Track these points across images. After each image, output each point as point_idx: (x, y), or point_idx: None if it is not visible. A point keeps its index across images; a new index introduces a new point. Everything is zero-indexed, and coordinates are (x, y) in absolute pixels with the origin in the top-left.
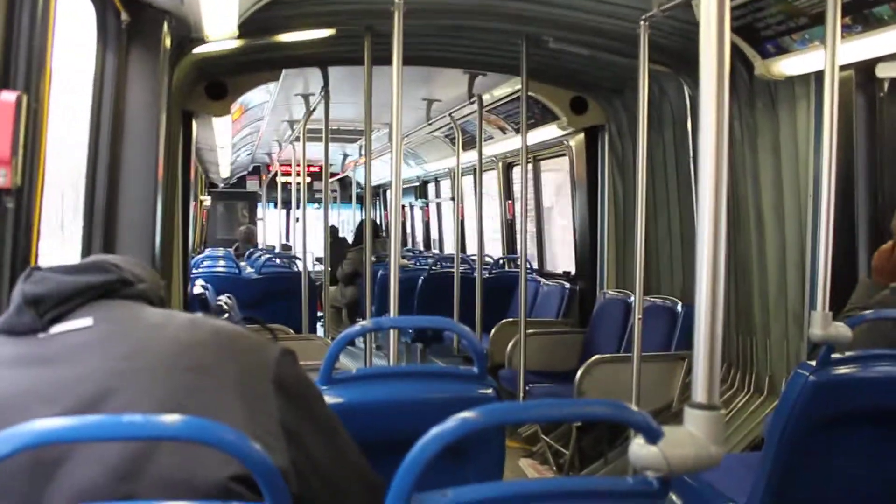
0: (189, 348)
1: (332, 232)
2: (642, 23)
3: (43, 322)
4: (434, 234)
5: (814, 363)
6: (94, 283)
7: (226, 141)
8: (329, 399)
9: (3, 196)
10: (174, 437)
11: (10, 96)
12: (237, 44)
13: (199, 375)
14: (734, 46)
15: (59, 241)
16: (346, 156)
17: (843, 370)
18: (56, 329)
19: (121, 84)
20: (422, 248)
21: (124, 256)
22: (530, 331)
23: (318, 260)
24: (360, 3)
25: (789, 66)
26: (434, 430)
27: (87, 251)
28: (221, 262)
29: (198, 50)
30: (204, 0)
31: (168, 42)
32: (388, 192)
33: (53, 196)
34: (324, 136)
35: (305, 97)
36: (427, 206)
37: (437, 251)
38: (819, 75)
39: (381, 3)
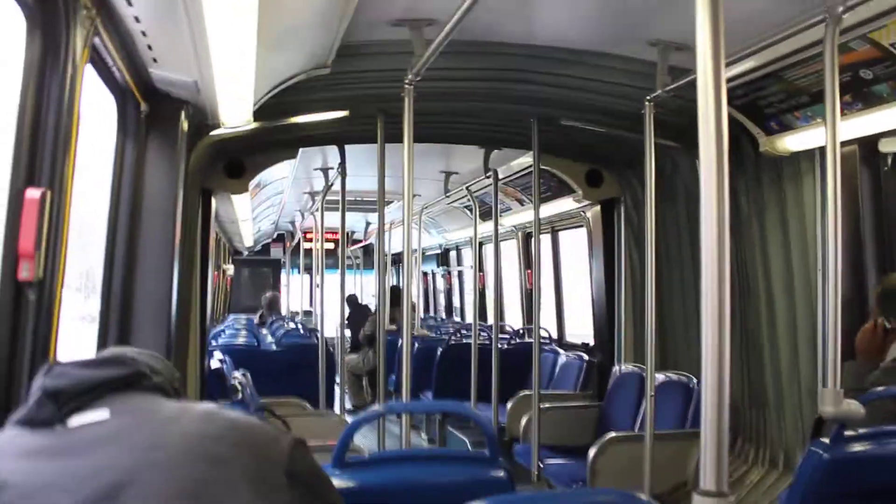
0: (203, 441)
1: (353, 299)
2: (647, 103)
3: (61, 414)
4: (455, 302)
5: (827, 440)
6: (111, 377)
7: (246, 214)
8: (341, 484)
9: (26, 289)
10: None
11: (35, 193)
12: (254, 125)
13: (212, 468)
14: (738, 124)
15: None
16: (368, 223)
17: (857, 447)
18: (74, 422)
19: (140, 168)
20: (444, 315)
21: (140, 349)
22: (546, 404)
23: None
24: (372, 88)
25: (793, 142)
26: None
27: (104, 330)
28: (242, 333)
29: (215, 132)
30: (220, 89)
31: (185, 128)
32: None
33: None
34: (340, 210)
35: (324, 171)
36: (449, 273)
37: (458, 318)
38: (824, 150)
39: (391, 88)
